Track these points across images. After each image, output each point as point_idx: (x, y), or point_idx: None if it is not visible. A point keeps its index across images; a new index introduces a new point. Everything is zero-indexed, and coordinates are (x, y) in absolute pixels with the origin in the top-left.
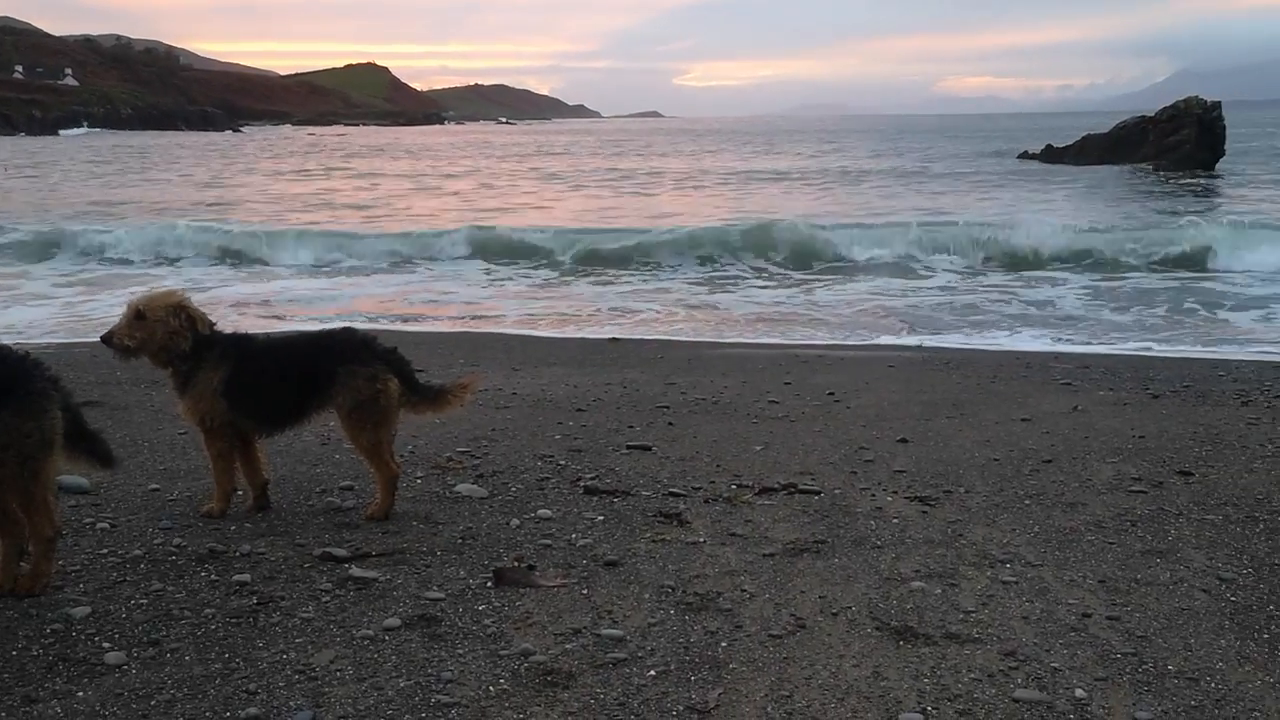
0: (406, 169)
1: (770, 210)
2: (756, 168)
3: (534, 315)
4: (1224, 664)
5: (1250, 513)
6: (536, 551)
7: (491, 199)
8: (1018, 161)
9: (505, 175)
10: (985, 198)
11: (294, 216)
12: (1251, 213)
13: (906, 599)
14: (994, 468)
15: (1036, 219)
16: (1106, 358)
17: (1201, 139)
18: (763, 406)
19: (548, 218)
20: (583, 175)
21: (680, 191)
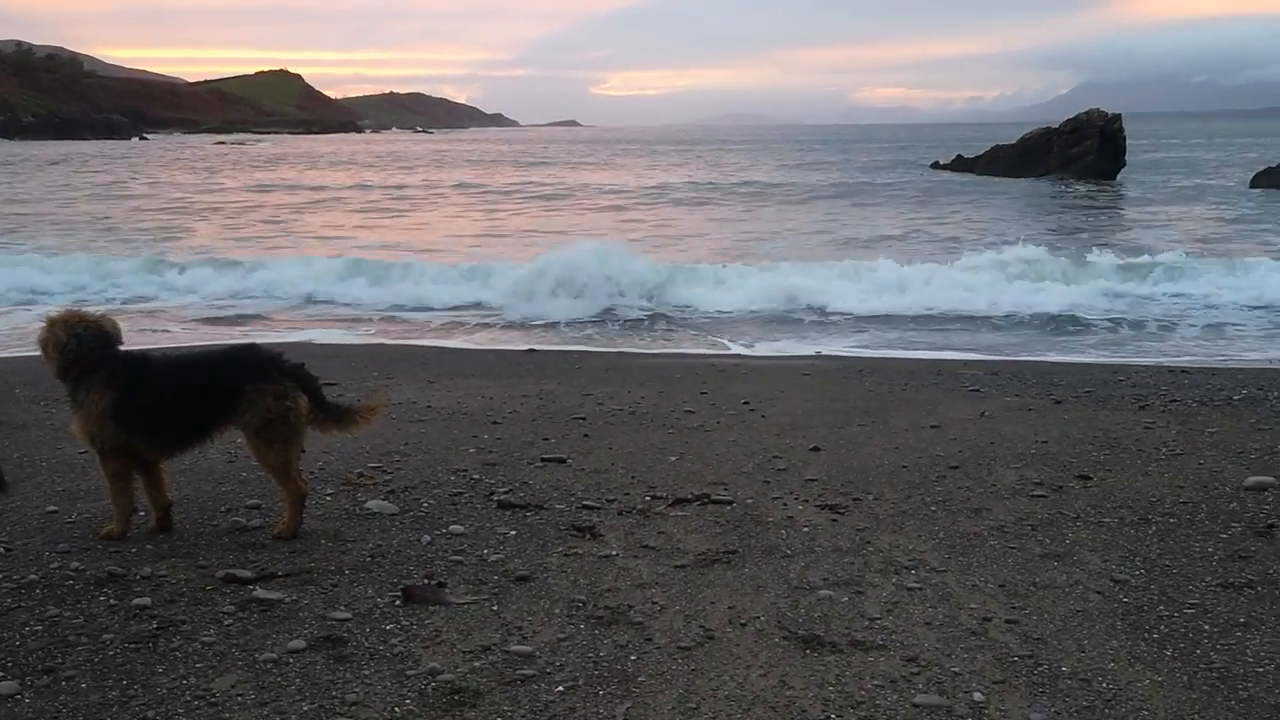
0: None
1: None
2: (646, 183)
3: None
4: (1115, 664)
5: (1144, 515)
6: (447, 568)
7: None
8: (931, 171)
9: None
10: (899, 226)
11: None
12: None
13: (814, 608)
14: (903, 474)
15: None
16: (1014, 364)
17: (1103, 150)
18: (679, 417)
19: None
20: (429, 191)
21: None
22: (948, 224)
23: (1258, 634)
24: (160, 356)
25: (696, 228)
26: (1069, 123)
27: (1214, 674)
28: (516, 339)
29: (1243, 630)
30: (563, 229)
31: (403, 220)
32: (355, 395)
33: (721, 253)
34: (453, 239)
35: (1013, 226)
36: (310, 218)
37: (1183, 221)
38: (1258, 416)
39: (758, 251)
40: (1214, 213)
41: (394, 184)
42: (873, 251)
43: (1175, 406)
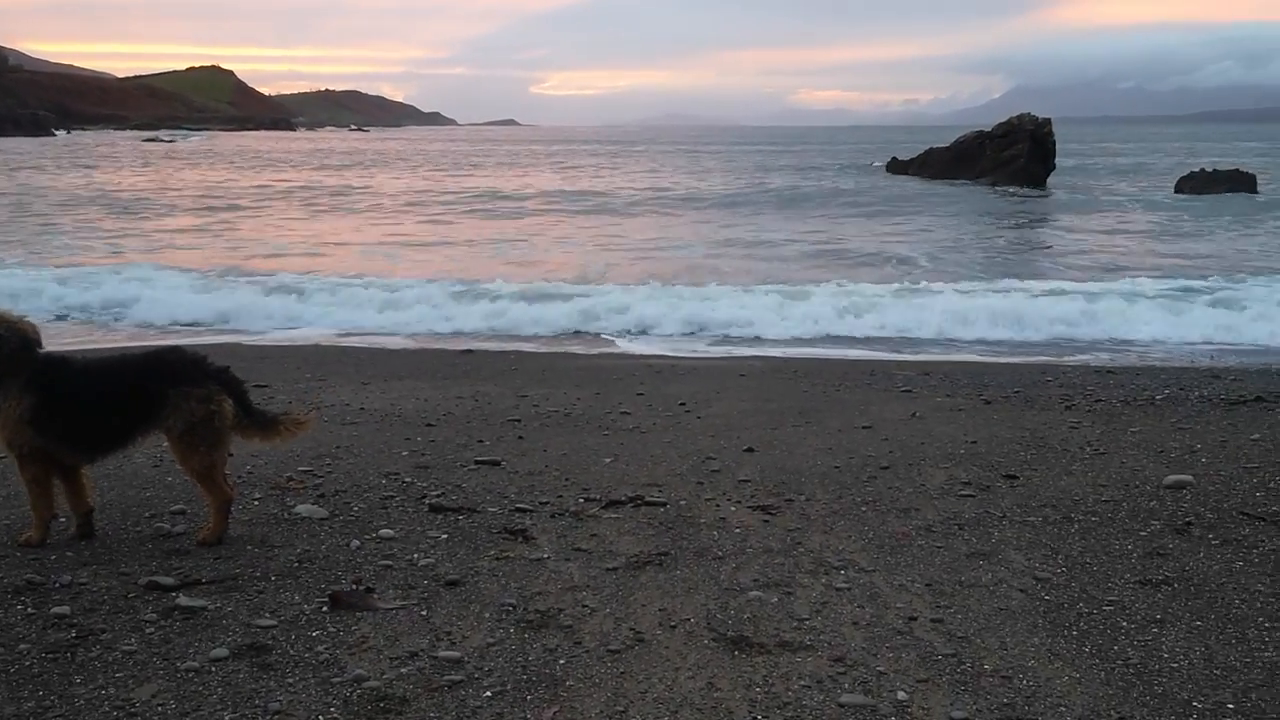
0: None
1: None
2: (559, 188)
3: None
4: (1035, 661)
5: (1067, 514)
6: (376, 573)
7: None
8: (868, 176)
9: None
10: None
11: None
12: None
13: (744, 609)
14: (835, 475)
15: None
16: (947, 364)
17: (1034, 154)
18: (614, 418)
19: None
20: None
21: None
22: (881, 238)
23: (1173, 630)
24: (81, 359)
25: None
26: (1001, 126)
27: (1130, 670)
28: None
29: (1158, 626)
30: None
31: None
32: (286, 398)
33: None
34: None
35: (945, 244)
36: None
37: (1111, 235)
38: (1179, 416)
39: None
40: (1141, 223)
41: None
42: (814, 271)
43: (1100, 406)
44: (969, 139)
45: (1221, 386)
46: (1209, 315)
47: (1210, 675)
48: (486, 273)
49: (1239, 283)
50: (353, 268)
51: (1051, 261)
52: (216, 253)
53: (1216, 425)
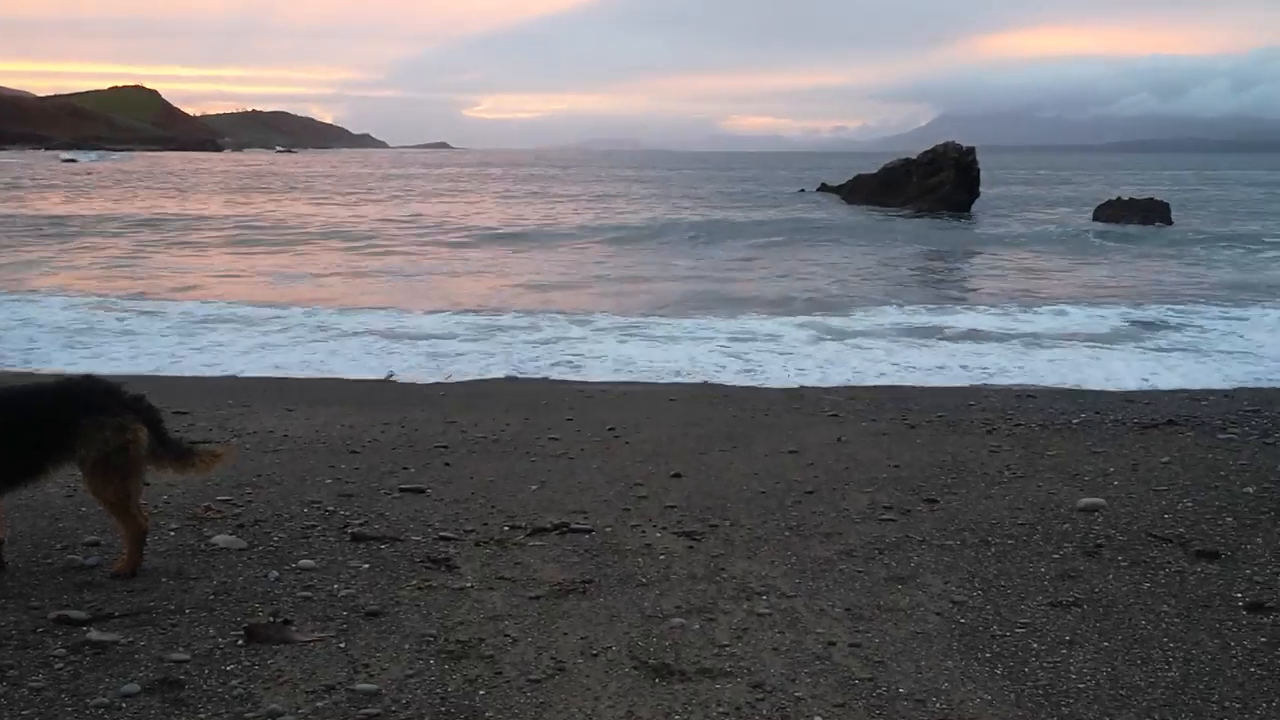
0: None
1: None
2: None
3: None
4: (949, 684)
5: (985, 537)
6: (295, 604)
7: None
8: (800, 198)
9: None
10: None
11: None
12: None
13: (665, 636)
14: (760, 500)
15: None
16: (872, 389)
17: (959, 181)
18: (543, 444)
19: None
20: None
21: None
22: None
23: (1081, 651)
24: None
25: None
26: (926, 154)
27: (1039, 691)
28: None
29: (1067, 648)
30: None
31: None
32: (207, 425)
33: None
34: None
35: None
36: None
37: (1030, 263)
38: (1094, 440)
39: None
40: (1059, 254)
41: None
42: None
43: (1020, 430)
44: (896, 166)
45: (1135, 410)
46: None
47: (1115, 695)
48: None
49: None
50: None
51: (967, 293)
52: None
53: (1129, 449)
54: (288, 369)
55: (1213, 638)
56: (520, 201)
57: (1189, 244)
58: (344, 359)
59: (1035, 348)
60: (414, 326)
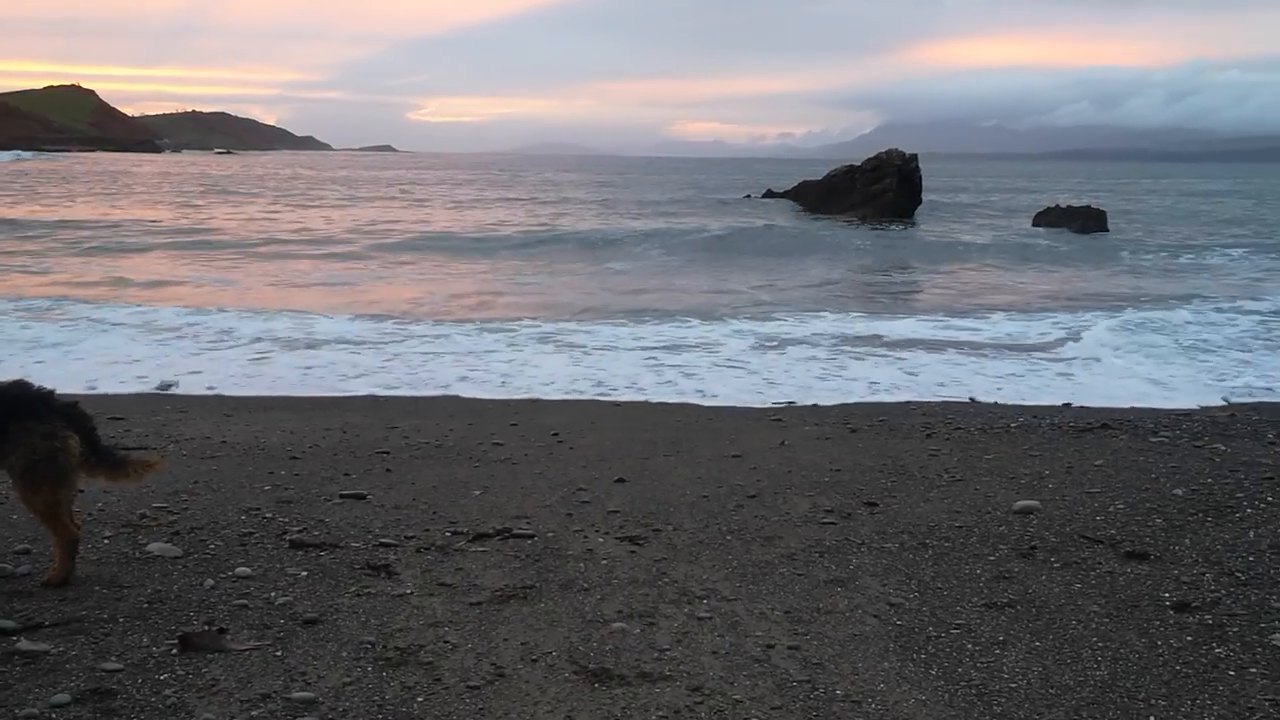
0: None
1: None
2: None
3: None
4: (885, 685)
5: (922, 540)
6: (231, 613)
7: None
8: (746, 204)
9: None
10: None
11: None
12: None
13: (606, 640)
14: (703, 504)
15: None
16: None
17: (901, 188)
18: (486, 449)
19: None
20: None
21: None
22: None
23: (1013, 651)
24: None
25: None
26: (870, 161)
27: (972, 691)
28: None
29: (1000, 648)
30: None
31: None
32: (143, 431)
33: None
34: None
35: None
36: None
37: (970, 268)
38: (1030, 443)
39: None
40: (998, 256)
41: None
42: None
43: (959, 434)
44: (840, 173)
45: (1071, 414)
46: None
47: (1046, 694)
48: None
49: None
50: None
51: (904, 300)
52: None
53: (1064, 451)
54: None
55: (1140, 637)
56: (462, 207)
57: (1123, 250)
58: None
59: (967, 355)
60: (326, 333)
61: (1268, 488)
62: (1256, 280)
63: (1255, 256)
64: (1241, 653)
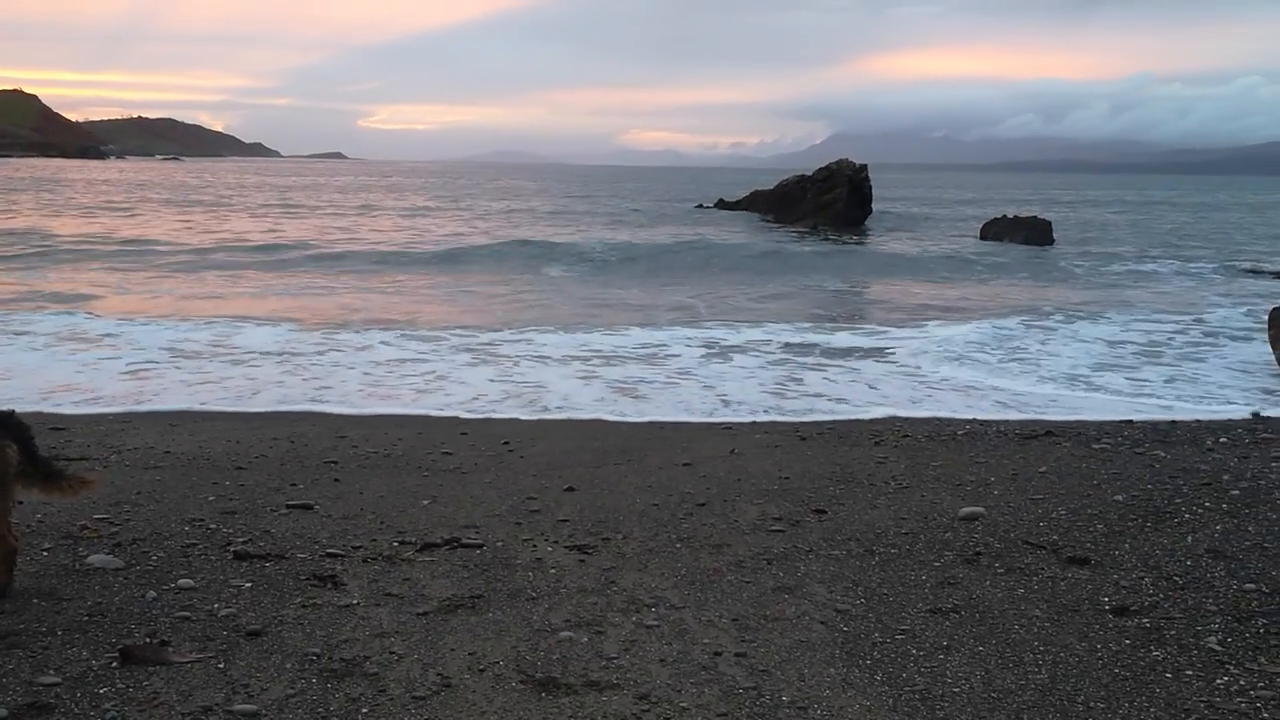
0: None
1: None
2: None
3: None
4: (830, 691)
5: (869, 546)
6: (173, 625)
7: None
8: (699, 214)
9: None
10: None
11: None
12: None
13: (554, 649)
14: (653, 512)
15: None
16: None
17: (852, 198)
18: (436, 459)
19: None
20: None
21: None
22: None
23: (957, 656)
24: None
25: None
26: (821, 171)
27: (916, 695)
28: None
29: (944, 653)
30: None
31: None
32: (85, 441)
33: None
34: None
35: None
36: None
37: (917, 285)
38: (976, 450)
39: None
40: (945, 267)
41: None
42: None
43: (906, 442)
44: (791, 183)
45: (1016, 422)
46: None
47: (988, 698)
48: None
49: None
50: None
51: (851, 310)
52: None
53: (1010, 459)
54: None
55: (1080, 641)
56: (413, 215)
57: (1067, 261)
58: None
59: (904, 362)
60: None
61: (1205, 493)
62: (1165, 294)
63: (1185, 269)
64: (1178, 655)
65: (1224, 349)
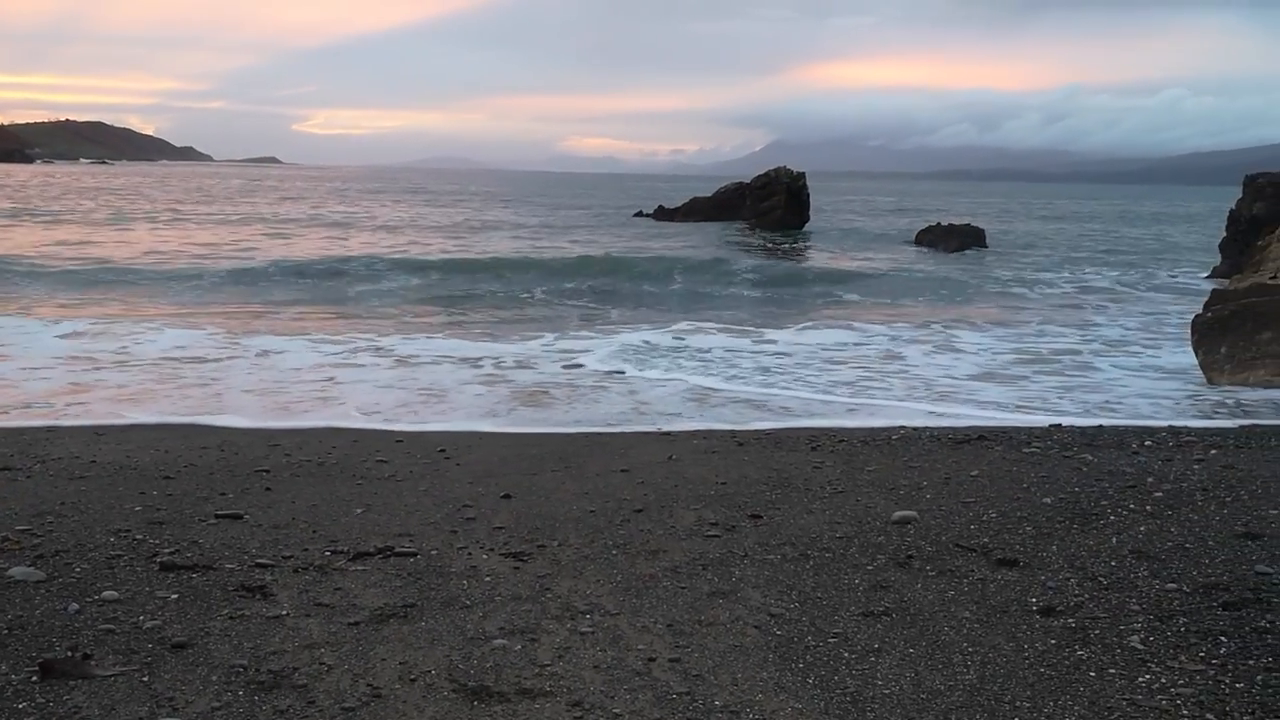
0: None
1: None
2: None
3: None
4: (763, 695)
5: (804, 551)
6: (96, 638)
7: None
8: (638, 222)
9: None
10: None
11: None
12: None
13: (487, 658)
14: (589, 519)
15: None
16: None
17: (790, 205)
18: (370, 466)
19: None
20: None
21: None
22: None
23: (888, 658)
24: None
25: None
26: (759, 179)
27: (847, 698)
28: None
29: (876, 655)
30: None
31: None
32: (8, 450)
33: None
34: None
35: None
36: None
37: (848, 292)
38: (910, 454)
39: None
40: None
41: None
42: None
43: (842, 447)
44: (729, 190)
45: (950, 427)
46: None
47: (917, 699)
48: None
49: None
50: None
51: (777, 316)
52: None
53: (942, 463)
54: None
55: (1008, 641)
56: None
57: (998, 266)
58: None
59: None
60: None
61: (1130, 495)
62: (1064, 304)
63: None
64: (1102, 654)
65: (1115, 358)
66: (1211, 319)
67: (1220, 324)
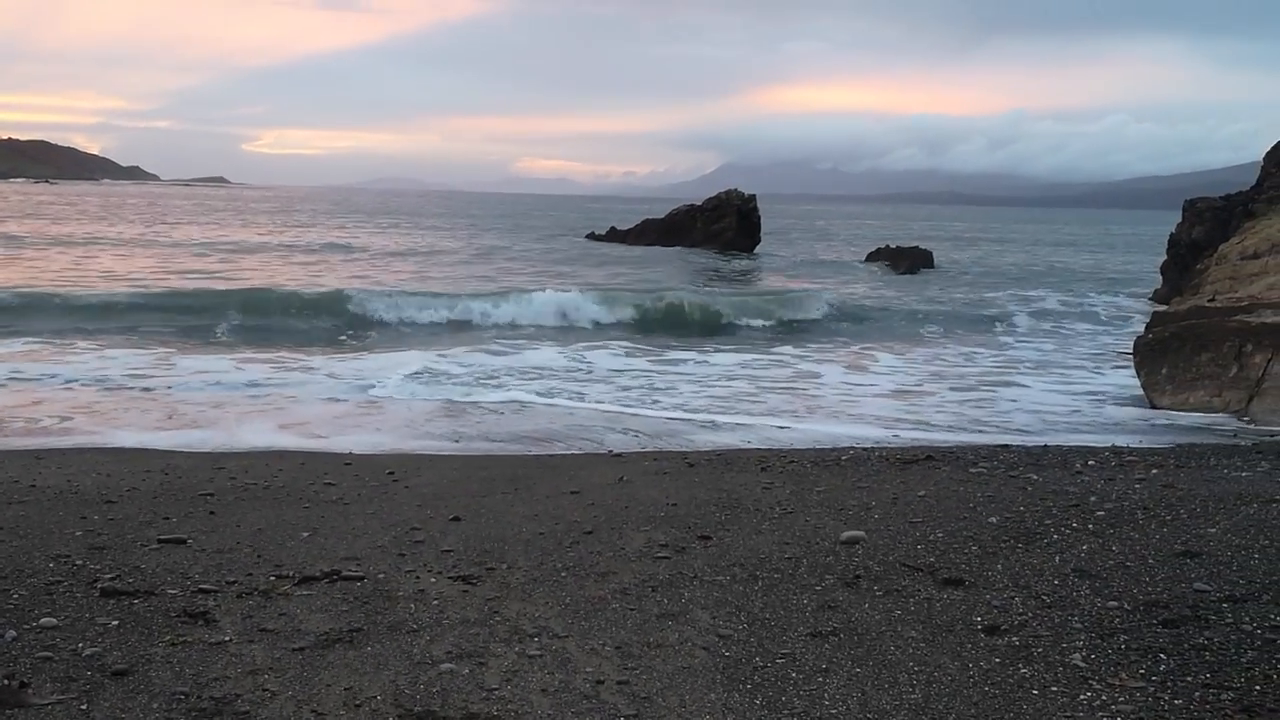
0: None
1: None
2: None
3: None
4: (710, 716)
5: (753, 571)
6: (34, 665)
7: None
8: (588, 244)
9: None
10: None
11: None
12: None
13: (434, 682)
14: (539, 541)
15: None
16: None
17: (741, 227)
18: (318, 489)
19: None
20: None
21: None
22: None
23: (835, 678)
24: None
25: None
26: (710, 201)
27: (795, 718)
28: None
29: (823, 675)
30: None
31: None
32: None
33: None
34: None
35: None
36: None
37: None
38: (859, 475)
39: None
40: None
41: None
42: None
43: (792, 467)
44: (680, 212)
45: (898, 447)
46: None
47: (864, 718)
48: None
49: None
50: None
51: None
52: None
53: (890, 483)
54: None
55: (953, 660)
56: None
57: (944, 287)
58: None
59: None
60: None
61: (1073, 514)
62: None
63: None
64: (1045, 672)
65: (1057, 379)
66: (1153, 340)
67: (1161, 345)
